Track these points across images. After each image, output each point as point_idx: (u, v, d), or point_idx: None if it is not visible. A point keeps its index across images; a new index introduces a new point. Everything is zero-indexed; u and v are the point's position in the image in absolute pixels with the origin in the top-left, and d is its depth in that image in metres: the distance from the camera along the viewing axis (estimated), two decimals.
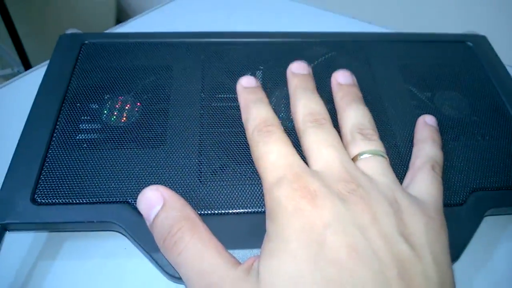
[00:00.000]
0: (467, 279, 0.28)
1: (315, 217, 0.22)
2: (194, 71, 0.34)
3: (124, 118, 0.31)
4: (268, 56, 0.36)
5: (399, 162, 0.30)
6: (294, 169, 0.24)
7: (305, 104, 0.29)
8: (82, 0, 0.98)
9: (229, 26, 0.38)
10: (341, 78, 0.32)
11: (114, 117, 0.31)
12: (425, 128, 0.31)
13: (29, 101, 0.32)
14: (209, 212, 0.27)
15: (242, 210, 0.27)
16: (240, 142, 0.30)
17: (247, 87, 0.31)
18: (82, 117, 0.31)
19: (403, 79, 0.35)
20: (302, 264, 0.21)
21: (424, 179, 0.27)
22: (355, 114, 0.29)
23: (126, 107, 0.32)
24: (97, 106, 0.32)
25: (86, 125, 0.31)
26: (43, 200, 0.27)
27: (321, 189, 0.23)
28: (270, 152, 0.26)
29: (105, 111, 0.31)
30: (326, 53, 0.36)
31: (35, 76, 0.40)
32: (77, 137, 0.30)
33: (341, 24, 0.50)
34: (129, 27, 0.48)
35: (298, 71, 0.32)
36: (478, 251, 0.30)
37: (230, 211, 0.27)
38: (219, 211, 0.27)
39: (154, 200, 0.24)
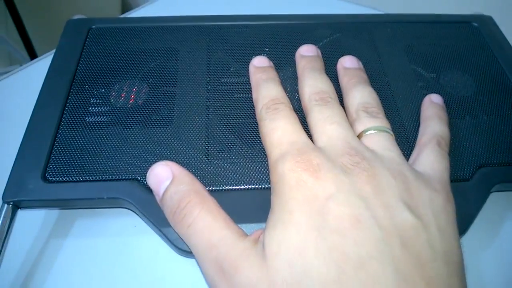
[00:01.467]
0: (473, 255, 0.29)
1: (318, 189, 0.22)
2: (200, 54, 0.35)
3: (132, 100, 0.32)
4: (273, 39, 0.36)
5: (406, 141, 0.30)
6: (298, 145, 0.25)
7: (312, 83, 0.29)
8: None
9: (234, 11, 0.38)
10: (347, 63, 0.32)
11: (122, 99, 0.32)
12: (431, 106, 0.31)
13: (36, 89, 0.32)
14: (216, 188, 0.27)
15: (248, 186, 0.28)
16: (246, 122, 0.31)
17: (259, 66, 0.32)
18: (91, 99, 0.32)
19: (409, 60, 0.35)
20: (306, 234, 0.21)
21: (430, 155, 0.27)
22: (360, 94, 0.29)
23: (134, 90, 0.32)
24: (105, 89, 0.32)
25: (95, 106, 0.31)
26: (53, 178, 0.27)
27: (324, 162, 0.23)
28: (276, 128, 0.26)
29: (113, 93, 0.32)
30: (331, 34, 0.37)
31: (42, 65, 0.40)
32: (86, 118, 0.30)
33: (345, 9, 0.50)
34: (135, 15, 0.49)
35: (306, 53, 0.32)
36: (485, 227, 0.30)
37: (237, 187, 0.28)
38: (226, 187, 0.27)
39: (164, 175, 0.25)
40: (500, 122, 0.32)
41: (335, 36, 0.36)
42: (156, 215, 0.26)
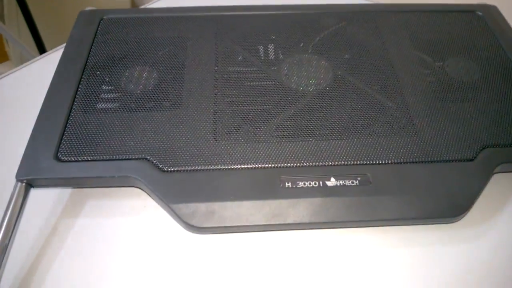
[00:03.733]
0: (474, 234, 0.29)
1: None
2: (208, 42, 0.35)
3: (141, 86, 0.33)
4: (279, 27, 0.37)
5: (411, 125, 0.31)
6: None
7: None
8: None
9: (241, 1, 0.39)
10: None
11: (132, 85, 0.33)
12: None
13: (45, 81, 0.33)
14: (223, 167, 0.28)
15: (253, 166, 0.28)
16: (253, 108, 0.31)
17: None
18: (102, 84, 0.32)
19: (414, 47, 0.36)
20: None
21: None
22: None
23: (143, 76, 0.33)
24: (115, 75, 0.33)
25: (106, 92, 0.32)
26: (66, 158, 0.28)
27: None
28: None
29: (124, 80, 0.33)
30: (336, 23, 0.37)
31: (52, 59, 0.42)
32: (97, 101, 0.31)
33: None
34: None
35: None
36: (488, 206, 0.30)
37: (243, 166, 0.28)
38: (233, 166, 0.28)
39: None
40: (504, 106, 0.32)
41: (341, 25, 0.37)
42: (165, 192, 0.27)
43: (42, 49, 0.91)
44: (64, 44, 0.35)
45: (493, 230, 0.29)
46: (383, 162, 0.29)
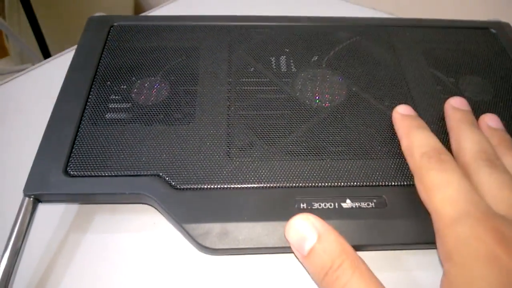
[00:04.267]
0: None
1: None
2: (221, 53, 0.35)
3: (153, 98, 0.32)
4: (293, 40, 0.36)
5: None
6: (480, 208, 0.22)
7: (477, 140, 0.27)
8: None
9: (253, 12, 0.39)
10: (491, 122, 0.30)
11: (143, 96, 0.32)
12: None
13: (50, 87, 0.32)
14: (237, 185, 0.27)
15: (268, 185, 0.28)
16: (266, 122, 0.31)
17: (406, 114, 0.30)
18: (112, 95, 0.32)
19: (427, 64, 0.35)
20: None
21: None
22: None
23: (155, 87, 0.32)
24: (126, 85, 0.32)
25: (116, 103, 0.31)
26: (75, 172, 0.27)
27: None
28: (450, 182, 0.24)
29: (135, 90, 0.32)
30: (351, 37, 0.37)
31: (57, 63, 0.41)
32: (108, 113, 0.31)
33: (363, 14, 0.50)
34: (154, 14, 0.49)
35: (460, 107, 0.30)
36: None
37: (257, 185, 0.27)
38: (247, 185, 0.27)
39: (307, 232, 0.23)
40: None
41: (355, 39, 0.37)
42: (177, 211, 0.26)
43: (43, 45, 0.90)
44: (69, 48, 0.34)
45: None
46: (399, 183, 0.28)
